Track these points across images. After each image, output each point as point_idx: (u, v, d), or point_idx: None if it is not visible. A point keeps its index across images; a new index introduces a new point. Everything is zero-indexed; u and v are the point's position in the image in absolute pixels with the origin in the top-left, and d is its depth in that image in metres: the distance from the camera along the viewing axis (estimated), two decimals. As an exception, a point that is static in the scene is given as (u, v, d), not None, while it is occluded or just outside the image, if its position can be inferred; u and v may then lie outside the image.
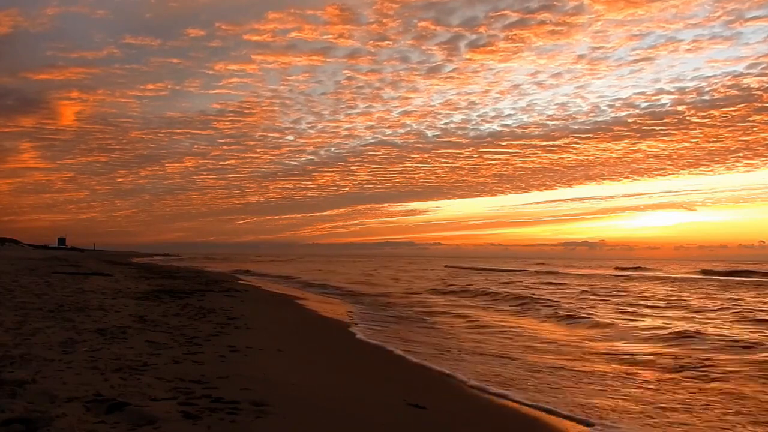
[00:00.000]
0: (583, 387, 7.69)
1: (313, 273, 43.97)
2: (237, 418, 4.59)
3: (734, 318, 15.90)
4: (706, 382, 8.09)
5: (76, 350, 6.88)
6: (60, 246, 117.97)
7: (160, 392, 5.16)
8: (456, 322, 15.17)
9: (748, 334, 12.44)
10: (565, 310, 17.30)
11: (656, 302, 21.11)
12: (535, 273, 50.42)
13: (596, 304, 20.06)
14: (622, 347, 11.16)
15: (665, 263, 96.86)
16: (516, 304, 20.05)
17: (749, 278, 41.93)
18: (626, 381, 8.15)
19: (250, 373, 6.41)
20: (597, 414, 6.35)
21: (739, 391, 7.53)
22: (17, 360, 6.05)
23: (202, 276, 31.12)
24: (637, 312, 17.53)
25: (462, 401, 6.70)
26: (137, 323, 9.70)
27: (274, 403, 5.11)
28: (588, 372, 8.68)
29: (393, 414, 5.61)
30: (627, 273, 53.10)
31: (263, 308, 15.59)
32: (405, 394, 6.37)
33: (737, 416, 6.46)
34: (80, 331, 8.31)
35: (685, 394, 7.45)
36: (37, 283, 17.62)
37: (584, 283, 35.16)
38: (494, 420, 6.06)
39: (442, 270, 59.53)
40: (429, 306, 19.35)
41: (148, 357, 6.79)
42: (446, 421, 5.68)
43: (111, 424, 4.21)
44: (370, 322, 14.25)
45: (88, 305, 11.93)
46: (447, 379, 7.88)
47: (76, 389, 5.00)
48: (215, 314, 12.04)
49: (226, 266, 54.74)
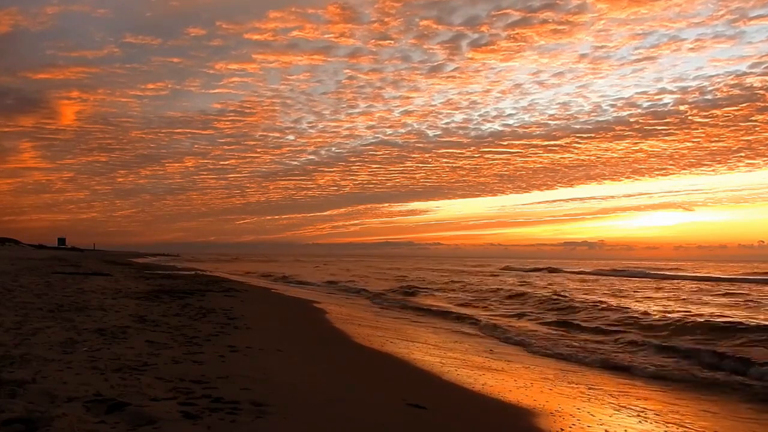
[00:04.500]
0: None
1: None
2: (237, 418, 4.59)
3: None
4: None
5: (76, 350, 6.88)
6: (60, 246, 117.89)
7: (160, 392, 5.16)
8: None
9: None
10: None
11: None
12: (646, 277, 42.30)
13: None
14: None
15: (702, 263, 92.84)
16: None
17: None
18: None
19: (250, 373, 6.41)
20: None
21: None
22: (17, 360, 6.05)
23: (202, 276, 31.10)
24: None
25: (463, 401, 6.69)
26: (137, 323, 9.69)
27: (274, 403, 5.11)
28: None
29: (393, 414, 5.61)
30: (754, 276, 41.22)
31: (263, 308, 15.59)
32: (405, 394, 6.37)
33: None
34: (80, 331, 8.31)
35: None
36: (37, 283, 17.62)
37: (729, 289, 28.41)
38: (495, 419, 6.06)
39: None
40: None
41: (148, 357, 6.79)
42: (446, 421, 5.68)
43: (111, 424, 4.21)
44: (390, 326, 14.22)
45: (88, 305, 11.93)
46: (447, 380, 7.88)
47: (76, 389, 5.00)
48: (215, 314, 12.04)
49: (241, 267, 53.17)
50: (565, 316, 17.28)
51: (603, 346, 12.20)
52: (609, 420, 6.21)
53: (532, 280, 38.26)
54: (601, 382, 8.73)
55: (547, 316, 17.53)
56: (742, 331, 12.77)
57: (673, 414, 6.86)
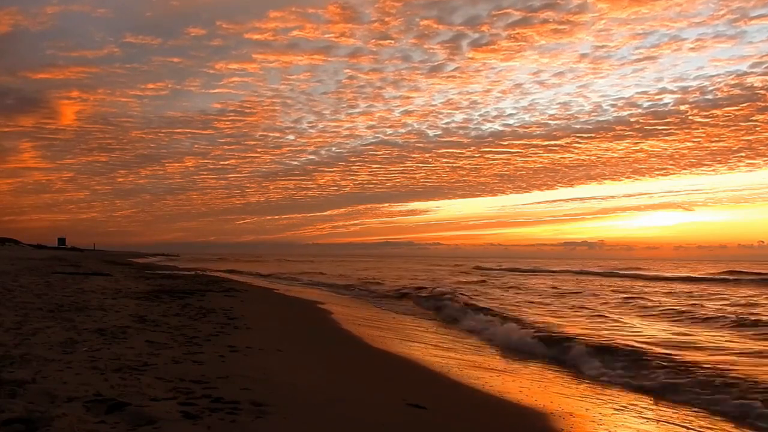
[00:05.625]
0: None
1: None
2: (237, 418, 4.59)
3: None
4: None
5: (76, 350, 6.88)
6: (60, 246, 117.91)
7: (160, 392, 5.16)
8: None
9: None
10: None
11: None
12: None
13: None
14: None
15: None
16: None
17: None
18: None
19: (250, 373, 6.41)
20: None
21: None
22: (17, 360, 6.05)
23: (202, 276, 31.09)
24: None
25: (462, 400, 6.69)
26: (137, 323, 9.70)
27: (274, 403, 5.11)
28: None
29: (393, 414, 5.61)
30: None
31: (263, 308, 15.59)
32: (405, 394, 6.37)
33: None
34: (80, 331, 8.31)
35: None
36: (37, 283, 17.62)
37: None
38: (493, 416, 6.06)
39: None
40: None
41: (148, 357, 6.79)
42: (446, 421, 5.68)
43: (111, 424, 4.21)
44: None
45: (88, 305, 11.93)
46: (450, 379, 7.88)
47: (76, 389, 5.00)
48: (215, 314, 12.04)
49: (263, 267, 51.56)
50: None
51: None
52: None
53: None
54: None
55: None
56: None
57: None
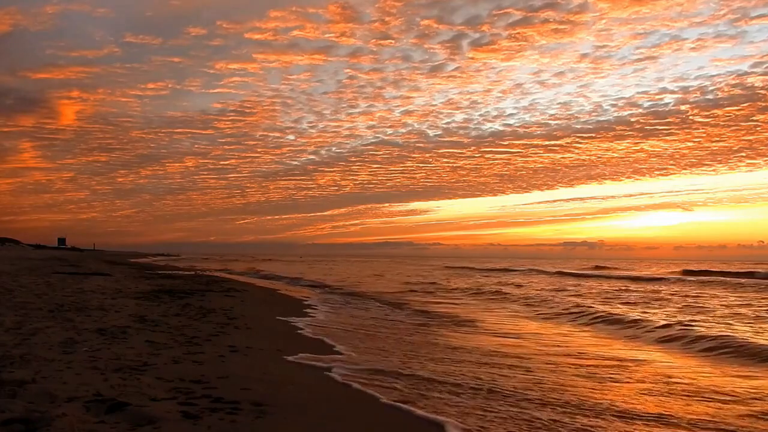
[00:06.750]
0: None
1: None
2: (237, 418, 4.60)
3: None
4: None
5: (76, 350, 6.88)
6: (60, 246, 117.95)
7: (160, 392, 5.17)
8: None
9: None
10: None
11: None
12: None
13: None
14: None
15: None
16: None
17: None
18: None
19: (250, 373, 6.42)
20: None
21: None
22: (17, 360, 6.06)
23: (202, 276, 31.09)
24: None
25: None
26: (137, 323, 9.70)
27: (274, 403, 5.12)
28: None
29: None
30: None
31: (264, 308, 15.59)
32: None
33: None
34: (80, 331, 8.31)
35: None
36: (37, 283, 17.63)
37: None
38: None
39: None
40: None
41: (148, 357, 6.79)
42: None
43: (111, 424, 4.21)
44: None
45: (88, 305, 11.93)
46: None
47: (76, 389, 5.00)
48: (215, 314, 12.04)
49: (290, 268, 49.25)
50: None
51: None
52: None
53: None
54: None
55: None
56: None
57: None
